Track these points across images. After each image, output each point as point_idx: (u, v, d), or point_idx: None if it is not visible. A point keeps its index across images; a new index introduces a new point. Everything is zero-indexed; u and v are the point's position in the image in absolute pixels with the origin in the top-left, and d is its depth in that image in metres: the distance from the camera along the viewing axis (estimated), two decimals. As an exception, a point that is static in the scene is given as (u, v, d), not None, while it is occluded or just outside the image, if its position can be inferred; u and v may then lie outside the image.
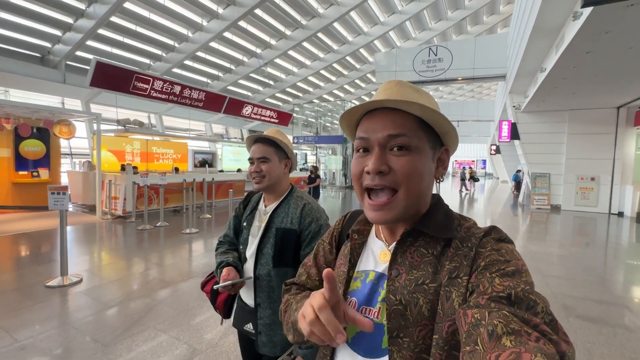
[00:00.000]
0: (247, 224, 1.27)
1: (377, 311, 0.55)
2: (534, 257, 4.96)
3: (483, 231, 0.52)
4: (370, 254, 0.62)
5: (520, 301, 0.41)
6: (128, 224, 6.56)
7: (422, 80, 12.17)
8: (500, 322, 0.37)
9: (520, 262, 0.47)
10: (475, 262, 0.49)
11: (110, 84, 7.74)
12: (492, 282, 0.44)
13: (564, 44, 5.42)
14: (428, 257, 0.54)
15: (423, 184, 0.54)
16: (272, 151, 1.22)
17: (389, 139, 0.53)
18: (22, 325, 2.56)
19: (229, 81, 15.26)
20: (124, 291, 3.27)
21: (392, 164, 0.53)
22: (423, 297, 0.50)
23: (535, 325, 0.38)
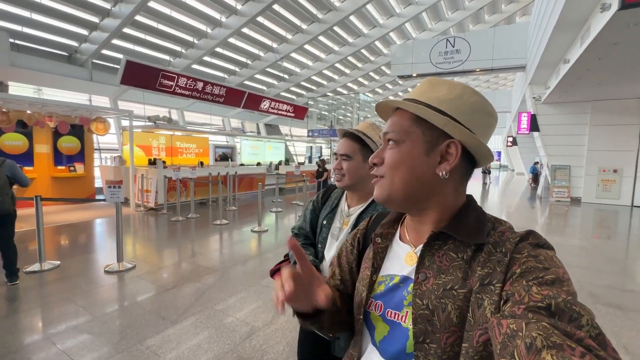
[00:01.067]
0: (327, 223, 1.20)
1: (404, 315, 0.55)
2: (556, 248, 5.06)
3: (519, 236, 0.50)
4: (394, 258, 0.62)
5: (562, 312, 0.38)
6: (160, 216, 6.93)
7: (439, 72, 12.12)
8: (540, 334, 0.35)
9: (562, 270, 0.44)
10: (510, 269, 0.46)
11: (138, 82, 8.06)
12: (529, 290, 0.41)
13: (590, 36, 5.40)
14: (457, 261, 0.52)
15: (407, 175, 0.55)
16: (357, 149, 1.12)
17: (385, 136, 0.60)
18: (96, 305, 2.88)
19: (246, 76, 15.47)
20: (175, 276, 3.58)
21: (385, 156, 0.59)
22: (452, 302, 0.49)
23: (580, 340, 0.35)
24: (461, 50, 11.31)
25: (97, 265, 3.88)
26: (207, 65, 14.38)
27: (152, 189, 7.44)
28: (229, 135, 14.50)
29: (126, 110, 7.40)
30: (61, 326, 2.51)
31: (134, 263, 3.87)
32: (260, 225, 5.84)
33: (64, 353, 2.18)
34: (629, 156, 9.74)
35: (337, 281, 0.73)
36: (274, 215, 7.48)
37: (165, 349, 2.25)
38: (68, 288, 3.20)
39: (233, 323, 2.61)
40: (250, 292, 3.22)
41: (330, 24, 12.95)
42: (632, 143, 9.68)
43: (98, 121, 7.31)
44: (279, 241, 5.26)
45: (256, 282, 3.47)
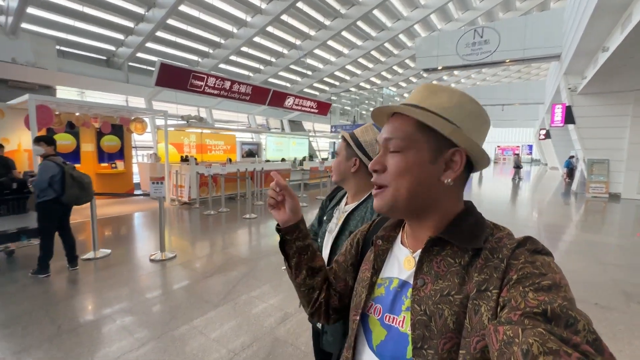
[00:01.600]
0: (327, 218, 1.27)
1: (402, 320, 0.55)
2: (591, 246, 4.91)
3: (516, 242, 0.50)
4: (394, 261, 0.63)
5: (558, 318, 0.38)
6: (193, 210, 7.34)
7: (466, 65, 11.78)
8: (536, 340, 0.35)
9: (559, 276, 0.44)
10: (507, 275, 0.46)
11: (171, 83, 8.50)
12: (526, 296, 0.41)
13: (632, 22, 5.12)
14: (455, 267, 0.52)
15: (413, 183, 0.55)
16: (343, 147, 1.20)
17: (386, 142, 0.58)
18: (146, 289, 3.20)
19: (270, 73, 15.77)
20: (213, 264, 3.86)
21: (387, 163, 0.57)
22: (448, 308, 0.49)
23: (576, 345, 0.35)
24: (490, 40, 10.93)
25: (142, 254, 4.25)
26: (233, 64, 14.80)
27: (186, 185, 7.87)
28: (254, 132, 14.90)
29: (161, 111, 7.86)
30: (118, 306, 2.83)
31: (174, 253, 4.20)
32: (288, 219, 6.06)
33: (124, 329, 2.48)
34: (676, 149, 9.08)
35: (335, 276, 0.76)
36: (300, 209, 7.69)
37: (209, 328, 2.49)
38: (120, 273, 3.55)
39: (268, 308, 2.83)
40: (281, 281, 3.42)
41: (353, 18, 12.91)
42: (680, 135, 9.01)
43: (137, 121, 7.82)
44: (306, 235, 5.45)
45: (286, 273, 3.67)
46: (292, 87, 18.31)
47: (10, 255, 4.04)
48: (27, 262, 3.77)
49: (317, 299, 0.73)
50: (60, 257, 3.65)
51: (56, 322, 2.55)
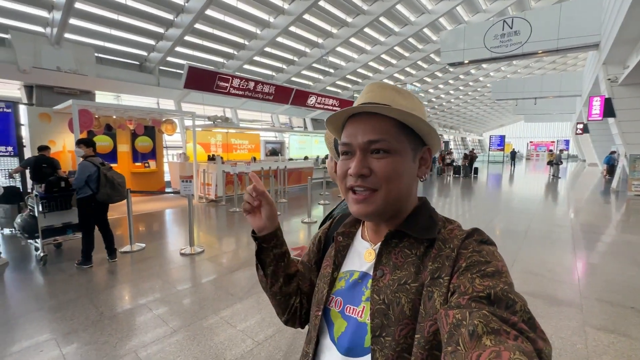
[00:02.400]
0: None
1: (361, 310, 0.57)
2: (631, 247, 4.61)
3: (465, 233, 0.53)
4: (355, 255, 0.64)
5: (500, 300, 0.42)
6: (220, 207, 7.64)
7: (494, 57, 11.33)
8: (481, 321, 0.38)
9: (500, 263, 0.48)
10: (457, 263, 0.49)
11: (198, 85, 8.87)
12: (473, 282, 0.45)
13: (679, 7, 4.73)
14: (411, 257, 0.55)
15: (402, 185, 0.56)
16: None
17: (369, 144, 0.55)
18: (177, 281, 3.41)
19: (293, 73, 15.95)
20: (238, 260, 4.04)
21: (372, 166, 0.55)
22: (405, 296, 0.52)
23: (514, 324, 0.39)
24: (520, 31, 10.44)
25: (173, 248, 4.51)
26: (256, 65, 15.11)
27: (213, 183, 8.20)
28: (278, 131, 15.17)
29: (189, 112, 8.23)
30: (152, 296, 3.05)
31: (203, 248, 4.42)
32: (310, 217, 6.17)
33: (159, 317, 2.68)
34: None
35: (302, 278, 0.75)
36: (322, 207, 7.79)
37: (236, 319, 2.63)
38: (153, 266, 3.81)
39: (290, 302, 2.93)
40: (303, 276, 3.52)
41: (375, 14, 12.76)
42: None
43: (167, 122, 8.24)
44: (327, 232, 5.53)
45: (309, 268, 3.77)
46: (315, 85, 18.40)
47: (58, 248, 4.44)
48: (73, 254, 4.13)
49: (292, 305, 0.72)
50: (101, 250, 3.97)
51: (99, 309, 2.79)
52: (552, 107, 22.06)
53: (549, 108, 22.28)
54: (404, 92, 0.60)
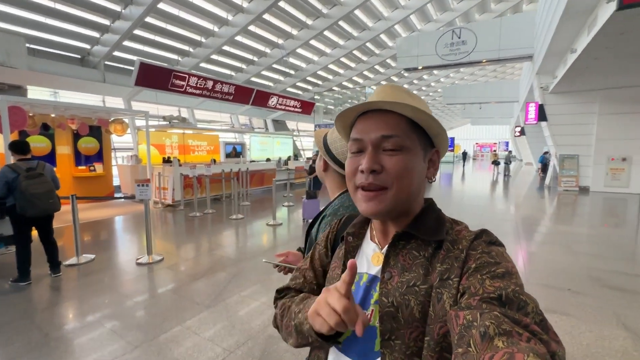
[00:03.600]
0: None
1: (370, 313, 0.56)
2: (564, 236, 5.22)
3: (474, 234, 0.53)
4: (364, 257, 0.63)
5: (511, 302, 0.41)
6: (178, 212, 7.22)
7: (445, 64, 12.13)
8: (492, 323, 0.38)
9: (510, 265, 0.47)
10: (466, 264, 0.49)
11: (151, 83, 8.31)
12: (483, 283, 0.44)
13: (597, 26, 5.45)
14: (419, 259, 0.54)
15: (414, 183, 0.55)
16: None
17: (382, 140, 0.55)
18: (135, 292, 3.15)
19: (252, 73, 15.64)
20: (201, 267, 3.84)
21: (384, 163, 0.54)
22: (414, 298, 0.51)
23: (526, 326, 0.38)
24: (467, 41, 11.30)
25: (127, 258, 4.17)
26: (214, 64, 14.57)
27: (169, 187, 7.73)
28: (238, 132, 14.76)
29: (142, 111, 7.68)
30: (107, 310, 2.79)
31: (162, 256, 4.15)
32: (275, 219, 6.09)
33: (115, 333, 2.45)
34: (638, 144, 9.73)
35: (312, 285, 0.71)
36: (286, 209, 7.72)
37: (203, 329, 2.51)
38: (106, 278, 3.48)
39: (260, 307, 2.86)
40: (272, 279, 3.46)
41: (335, 18, 13.01)
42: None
43: (116, 122, 7.61)
44: (293, 234, 5.50)
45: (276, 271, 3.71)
46: (275, 86, 18.23)
47: (-15, 264, 3.88)
48: (8, 270, 3.63)
49: None
50: (43, 264, 3.54)
51: (43, 330, 2.49)
52: (494, 112, 24.20)
53: (492, 112, 24.43)
54: (415, 95, 0.61)
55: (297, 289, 0.72)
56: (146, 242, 4.02)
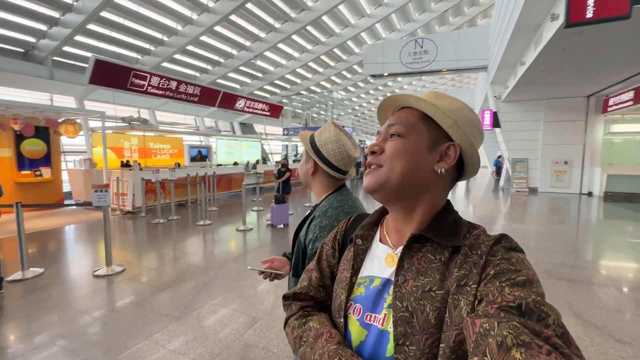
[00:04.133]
0: None
1: (383, 318, 0.54)
2: (516, 234, 5.64)
3: (493, 239, 0.52)
4: (374, 259, 0.61)
5: (531, 312, 0.40)
6: (139, 219, 6.78)
7: (409, 72, 12.68)
8: (510, 333, 0.37)
9: (531, 272, 0.46)
10: (485, 270, 0.48)
11: (108, 81, 7.77)
12: (502, 291, 0.43)
13: (542, 42, 6.00)
14: (435, 263, 0.53)
15: (408, 165, 0.56)
16: (304, 151, 1.17)
17: (388, 128, 0.60)
18: (94, 307, 2.90)
19: (218, 74, 15.22)
20: (168, 276, 3.63)
21: (385, 146, 0.59)
22: (430, 304, 0.50)
23: (547, 338, 0.37)
24: (429, 51, 11.90)
25: (82, 270, 3.82)
26: (177, 64, 13.99)
27: (129, 192, 7.24)
28: (203, 135, 14.24)
29: (97, 111, 7.15)
30: (60, 328, 2.53)
31: (123, 266, 3.86)
32: (245, 224, 5.93)
33: (70, 352, 2.23)
34: (577, 149, 10.84)
35: (318, 288, 0.68)
36: (255, 214, 7.57)
37: (173, 342, 2.36)
38: (58, 294, 3.17)
39: (234, 314, 2.76)
40: (245, 285, 3.36)
41: (303, 23, 13.09)
42: (579, 137, 10.78)
43: (68, 123, 6.99)
44: (264, 239, 5.40)
45: (249, 276, 3.62)
46: (242, 89, 17.90)
47: None
48: None
49: None
50: (-21, 281, 3.14)
51: (-18, 356, 2.20)
52: (453, 118, 25.54)
53: (451, 119, 25.72)
54: (444, 96, 0.61)
55: (303, 294, 0.69)
56: (105, 252, 3.72)
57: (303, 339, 0.61)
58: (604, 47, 5.80)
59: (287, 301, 0.71)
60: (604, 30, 5.01)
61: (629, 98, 8.64)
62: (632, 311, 2.90)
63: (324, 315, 0.64)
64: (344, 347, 0.55)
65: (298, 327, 0.64)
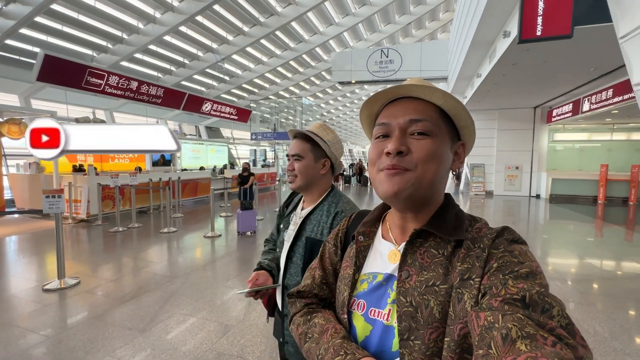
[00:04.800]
0: (284, 226, 1.21)
1: (387, 313, 0.54)
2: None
3: (495, 232, 0.51)
4: (377, 256, 0.61)
5: (535, 304, 0.40)
6: (95, 227, 6.29)
7: (375, 80, 13.13)
8: (515, 325, 0.37)
9: (535, 264, 0.46)
10: (488, 264, 0.47)
11: (60, 79, 7.18)
12: (506, 284, 0.43)
13: (496, 56, 6.52)
14: (438, 257, 0.52)
15: (438, 171, 0.53)
16: (308, 148, 1.11)
17: (410, 124, 0.54)
18: (45, 325, 2.63)
19: (183, 76, 14.67)
20: (131, 288, 3.40)
21: (411, 146, 0.53)
22: (434, 298, 0.49)
23: (552, 329, 0.37)
24: (394, 60, 12.42)
25: (30, 285, 3.47)
26: (138, 63, 13.30)
27: (83, 199, 6.70)
28: (166, 138, 13.59)
29: (47, 111, 6.58)
30: (5, 351, 2.27)
31: (77, 278, 3.56)
32: (213, 231, 5.74)
33: (20, 377, 2.01)
34: (526, 155, 11.85)
35: (322, 286, 0.68)
36: (223, 220, 7.35)
37: (139, 356, 2.22)
38: (2, 312, 2.84)
39: (205, 323, 2.65)
40: (216, 293, 3.25)
41: (272, 28, 13.07)
42: (528, 144, 11.80)
43: (11, 123, 6.35)
44: (233, 245, 5.25)
45: (221, 284, 3.50)
46: (209, 91, 17.41)
47: None
48: None
49: None
50: None
51: None
52: (416, 125, 26.77)
53: (414, 126, 26.94)
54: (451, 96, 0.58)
55: (307, 292, 0.69)
56: (57, 263, 3.40)
57: (308, 335, 0.61)
58: (547, 63, 6.43)
59: (292, 299, 0.71)
60: (547, 48, 5.56)
61: (569, 110, 9.64)
62: (576, 301, 3.21)
63: (328, 312, 0.64)
64: (348, 341, 0.55)
65: (303, 323, 0.63)
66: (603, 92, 7.95)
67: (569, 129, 12.27)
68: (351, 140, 45.92)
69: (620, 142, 11.91)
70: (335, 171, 1.17)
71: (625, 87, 6.90)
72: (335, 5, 13.83)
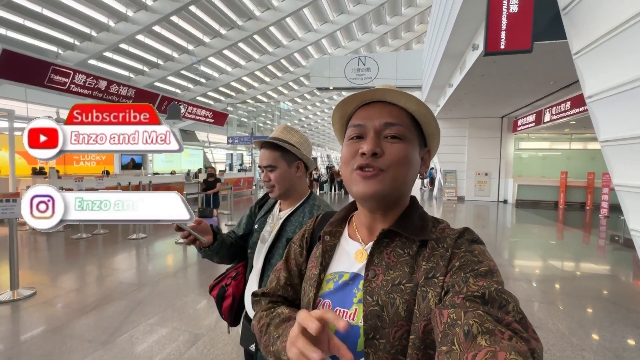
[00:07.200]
0: (259, 227, 1.19)
1: (353, 313, 0.54)
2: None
3: (457, 232, 0.54)
4: (343, 255, 0.62)
5: (494, 300, 0.42)
6: (56, 234, 5.90)
7: (353, 87, 13.36)
8: (476, 321, 0.38)
9: (492, 263, 0.48)
10: (451, 262, 0.49)
11: (20, 76, 6.74)
12: (467, 282, 0.45)
13: (465, 68, 6.84)
14: (404, 257, 0.54)
15: (409, 174, 0.55)
16: (279, 156, 1.11)
17: (385, 127, 0.55)
18: (-9, 340, 2.42)
19: (156, 77, 14.21)
20: (92, 298, 3.20)
21: (385, 149, 0.54)
22: (400, 297, 0.50)
23: (508, 324, 0.39)
24: (371, 68, 12.70)
25: (-22, 296, 3.18)
26: (108, 62, 12.74)
27: (43, 203, 6.27)
28: (137, 140, 13.05)
29: (4, 109, 6.13)
30: (-55, 371, 2.06)
31: (33, 289, 3.30)
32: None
33: (-39, 399, 1.83)
34: (494, 162, 12.45)
35: (286, 288, 0.68)
36: (198, 225, 7.12)
37: (99, 371, 2.08)
38: (-58, 327, 2.58)
39: (173, 333, 2.54)
40: (186, 301, 3.13)
41: (250, 32, 12.99)
42: (496, 152, 12.41)
43: (-39, 121, 5.85)
44: (208, 251, 5.10)
45: (191, 291, 3.38)
46: (183, 94, 16.95)
47: None
48: None
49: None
50: None
51: None
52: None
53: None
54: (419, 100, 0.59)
55: (272, 294, 0.68)
56: (10, 273, 3.15)
57: (270, 325, 0.59)
58: (512, 75, 6.83)
59: (256, 297, 0.70)
60: (512, 61, 5.91)
61: (532, 120, 10.26)
62: (539, 300, 3.38)
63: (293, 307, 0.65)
64: None
65: (266, 316, 0.63)
66: (562, 104, 8.54)
67: (533, 138, 13.05)
68: (329, 146, 46.23)
69: (578, 150, 12.81)
70: (308, 168, 1.18)
71: (581, 100, 7.46)
72: (313, 12, 13.99)
